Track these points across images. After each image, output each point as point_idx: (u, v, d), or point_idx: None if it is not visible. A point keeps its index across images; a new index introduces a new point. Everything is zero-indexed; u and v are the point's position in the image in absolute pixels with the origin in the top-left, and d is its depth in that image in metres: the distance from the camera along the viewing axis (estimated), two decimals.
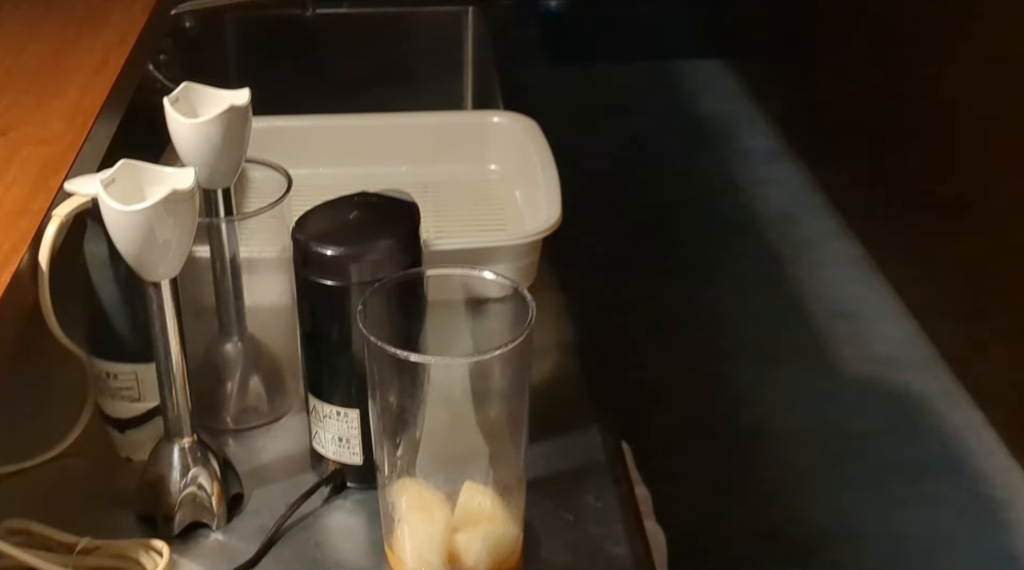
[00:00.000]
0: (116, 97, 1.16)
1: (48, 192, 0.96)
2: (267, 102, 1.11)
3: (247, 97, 1.00)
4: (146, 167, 0.88)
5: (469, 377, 0.88)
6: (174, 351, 0.92)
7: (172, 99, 0.99)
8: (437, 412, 0.89)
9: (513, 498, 0.91)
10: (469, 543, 0.89)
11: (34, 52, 1.22)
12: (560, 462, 1.04)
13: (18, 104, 1.11)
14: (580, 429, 1.09)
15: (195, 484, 0.95)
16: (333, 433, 0.99)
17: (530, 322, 0.86)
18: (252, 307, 1.09)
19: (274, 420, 1.10)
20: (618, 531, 0.97)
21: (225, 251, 1.04)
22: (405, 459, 0.90)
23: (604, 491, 1.01)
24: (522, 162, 1.42)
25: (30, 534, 0.92)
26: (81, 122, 1.08)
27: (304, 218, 0.99)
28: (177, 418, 0.94)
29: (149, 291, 0.90)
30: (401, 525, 0.91)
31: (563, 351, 1.21)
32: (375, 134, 1.50)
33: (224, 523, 0.97)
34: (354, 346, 0.95)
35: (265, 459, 1.05)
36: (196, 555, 0.95)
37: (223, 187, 1.03)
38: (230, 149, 1.00)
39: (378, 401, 0.89)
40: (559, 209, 1.25)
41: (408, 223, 1.00)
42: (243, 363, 1.09)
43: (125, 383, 1.00)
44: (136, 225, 0.84)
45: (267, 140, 1.13)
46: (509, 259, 1.23)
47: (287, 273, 1.00)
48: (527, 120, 1.46)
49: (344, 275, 0.94)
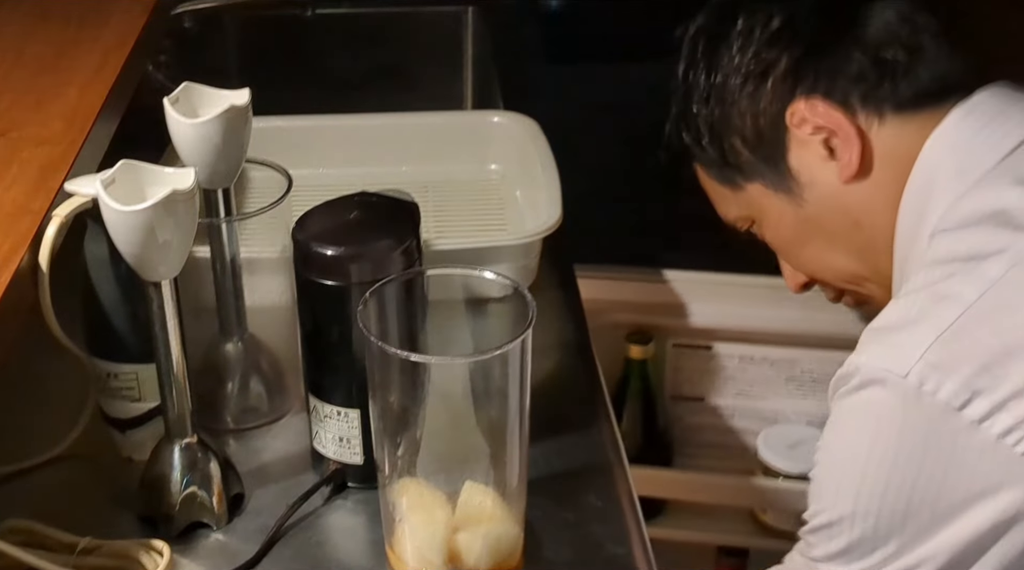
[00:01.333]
0: (116, 97, 1.16)
1: (48, 192, 0.96)
2: (267, 102, 1.11)
3: (247, 97, 1.00)
4: (146, 167, 0.88)
5: (469, 377, 0.88)
6: (175, 351, 0.92)
7: (172, 99, 0.99)
8: (438, 412, 0.89)
9: (514, 497, 0.91)
10: (470, 543, 0.89)
11: (34, 53, 1.22)
12: (561, 462, 1.04)
13: (18, 105, 1.11)
14: (580, 429, 1.09)
15: (196, 484, 0.95)
16: (334, 433, 0.99)
17: (530, 322, 0.86)
18: (252, 307, 1.09)
19: (275, 420, 1.10)
20: (619, 530, 0.97)
21: (225, 251, 1.04)
22: (406, 459, 0.90)
23: (605, 490, 1.01)
24: (522, 162, 1.42)
25: (31, 534, 0.92)
26: (81, 123, 1.08)
27: (304, 218, 0.99)
28: (178, 418, 0.94)
29: (149, 291, 0.90)
30: (402, 525, 0.91)
31: (563, 351, 1.21)
32: (375, 134, 1.50)
33: (225, 523, 0.97)
34: (354, 346, 0.95)
35: (266, 459, 1.05)
36: (197, 555, 0.95)
37: (223, 187, 1.03)
38: (230, 149, 1.00)
39: (379, 401, 0.89)
40: (559, 209, 1.25)
41: (408, 223, 1.00)
42: (243, 363, 1.09)
43: (125, 383, 1.00)
44: (136, 225, 0.84)
45: (267, 140, 1.13)
46: (509, 259, 1.22)
47: (287, 273, 1.00)
48: (527, 120, 1.46)
49: (344, 275, 0.94)
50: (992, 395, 0.80)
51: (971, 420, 0.80)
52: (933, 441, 0.82)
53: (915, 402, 0.82)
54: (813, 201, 1.00)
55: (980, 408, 0.80)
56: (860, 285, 1.04)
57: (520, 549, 0.93)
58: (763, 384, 1.67)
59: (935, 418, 0.81)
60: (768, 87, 0.98)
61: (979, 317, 0.82)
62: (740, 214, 1.07)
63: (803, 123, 0.97)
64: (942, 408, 0.81)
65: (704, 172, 1.07)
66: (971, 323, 0.82)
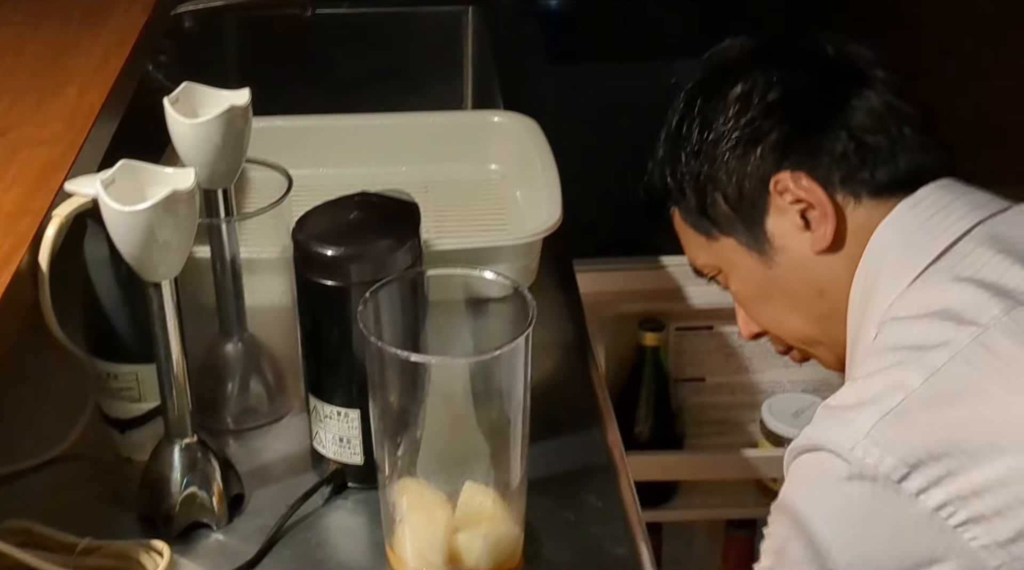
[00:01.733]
0: (116, 97, 1.16)
1: (48, 193, 0.96)
2: (267, 102, 1.11)
3: (247, 97, 1.00)
4: (146, 167, 0.88)
5: (470, 377, 0.88)
6: (175, 351, 0.92)
7: (172, 99, 0.99)
8: (438, 412, 0.89)
9: (514, 498, 0.91)
10: (470, 543, 0.89)
11: (34, 53, 1.22)
12: (561, 462, 1.04)
13: (18, 105, 1.11)
14: (580, 429, 1.09)
15: (196, 484, 0.95)
16: (334, 433, 0.99)
17: (530, 322, 0.86)
18: (252, 307, 1.09)
19: (275, 420, 1.10)
20: (619, 531, 0.97)
21: (225, 251, 1.04)
22: (406, 459, 0.90)
23: (605, 491, 1.01)
24: (522, 162, 1.42)
25: (31, 534, 0.92)
26: (81, 123, 1.08)
27: (304, 218, 0.99)
28: (178, 418, 0.94)
29: (149, 292, 0.89)
30: (402, 525, 0.91)
31: (563, 351, 1.20)
32: (375, 134, 1.50)
33: (225, 523, 0.97)
34: (354, 346, 0.94)
35: (266, 459, 1.05)
36: (197, 555, 0.95)
37: (223, 187, 1.03)
38: (230, 149, 1.00)
39: (379, 401, 0.89)
40: (559, 209, 1.25)
41: (408, 223, 1.00)
42: (243, 363, 1.09)
43: (125, 383, 1.00)
44: (136, 226, 0.84)
45: (267, 140, 1.13)
46: (509, 259, 1.22)
47: (287, 273, 1.00)
48: (527, 120, 1.46)
49: (344, 275, 0.94)
50: (928, 472, 0.86)
51: (909, 493, 0.86)
52: (878, 507, 0.87)
53: (859, 472, 0.87)
54: (783, 265, 1.05)
55: (917, 483, 0.86)
56: (811, 347, 1.10)
57: (520, 549, 0.93)
58: (760, 358, 1.72)
59: (877, 487, 0.87)
60: (757, 154, 1.03)
61: (921, 402, 0.88)
62: (708, 262, 1.12)
63: (785, 192, 1.02)
64: (883, 480, 0.86)
65: (681, 217, 1.12)
66: (914, 407, 0.88)
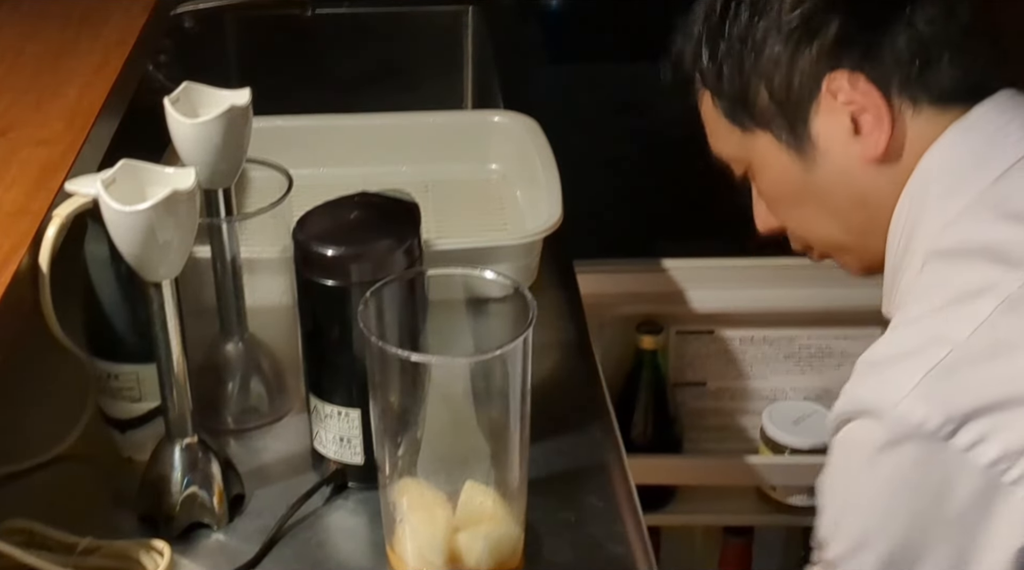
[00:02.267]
0: (116, 97, 1.16)
1: (48, 193, 0.96)
2: (267, 102, 1.11)
3: (247, 97, 1.00)
4: (146, 167, 0.88)
5: (470, 377, 0.88)
6: (175, 351, 0.92)
7: (172, 99, 0.98)
8: (438, 412, 0.89)
9: (514, 498, 0.91)
10: (471, 543, 0.89)
11: (33, 53, 1.22)
12: (561, 462, 1.04)
13: (18, 105, 1.11)
14: (580, 429, 1.09)
15: (196, 484, 0.95)
16: (334, 433, 0.99)
17: (531, 322, 0.86)
18: (253, 307, 1.09)
19: (275, 420, 1.10)
20: (620, 531, 0.97)
21: (226, 251, 1.04)
22: (406, 459, 0.90)
23: (606, 491, 1.01)
24: (523, 162, 1.42)
25: (31, 534, 0.92)
26: (81, 123, 1.08)
27: (305, 218, 0.99)
28: (178, 418, 0.94)
29: (150, 292, 0.89)
30: (402, 525, 0.91)
31: (563, 351, 1.20)
32: (375, 134, 1.50)
33: (225, 523, 0.97)
34: (355, 346, 0.94)
35: (266, 459, 1.05)
36: (197, 555, 0.95)
37: (224, 187, 1.03)
38: (230, 149, 1.00)
39: (379, 401, 0.89)
40: (559, 209, 1.25)
41: (408, 223, 1.00)
42: (244, 363, 1.09)
43: (126, 383, 1.00)
44: (137, 225, 0.84)
45: (267, 140, 1.13)
46: (510, 258, 1.22)
47: (288, 273, 1.00)
48: (527, 120, 1.46)
49: (345, 275, 0.94)
50: (979, 426, 0.82)
51: (959, 449, 0.82)
52: (925, 469, 0.84)
53: (902, 434, 0.84)
54: (823, 169, 0.98)
55: (968, 437, 0.82)
56: (837, 253, 1.04)
57: (520, 549, 0.93)
58: (762, 363, 1.70)
59: (922, 446, 0.83)
60: (813, 49, 0.95)
61: (969, 356, 0.84)
62: (735, 156, 1.05)
63: (839, 92, 0.95)
64: (930, 437, 0.83)
65: (712, 101, 1.04)
66: (961, 361, 0.84)
